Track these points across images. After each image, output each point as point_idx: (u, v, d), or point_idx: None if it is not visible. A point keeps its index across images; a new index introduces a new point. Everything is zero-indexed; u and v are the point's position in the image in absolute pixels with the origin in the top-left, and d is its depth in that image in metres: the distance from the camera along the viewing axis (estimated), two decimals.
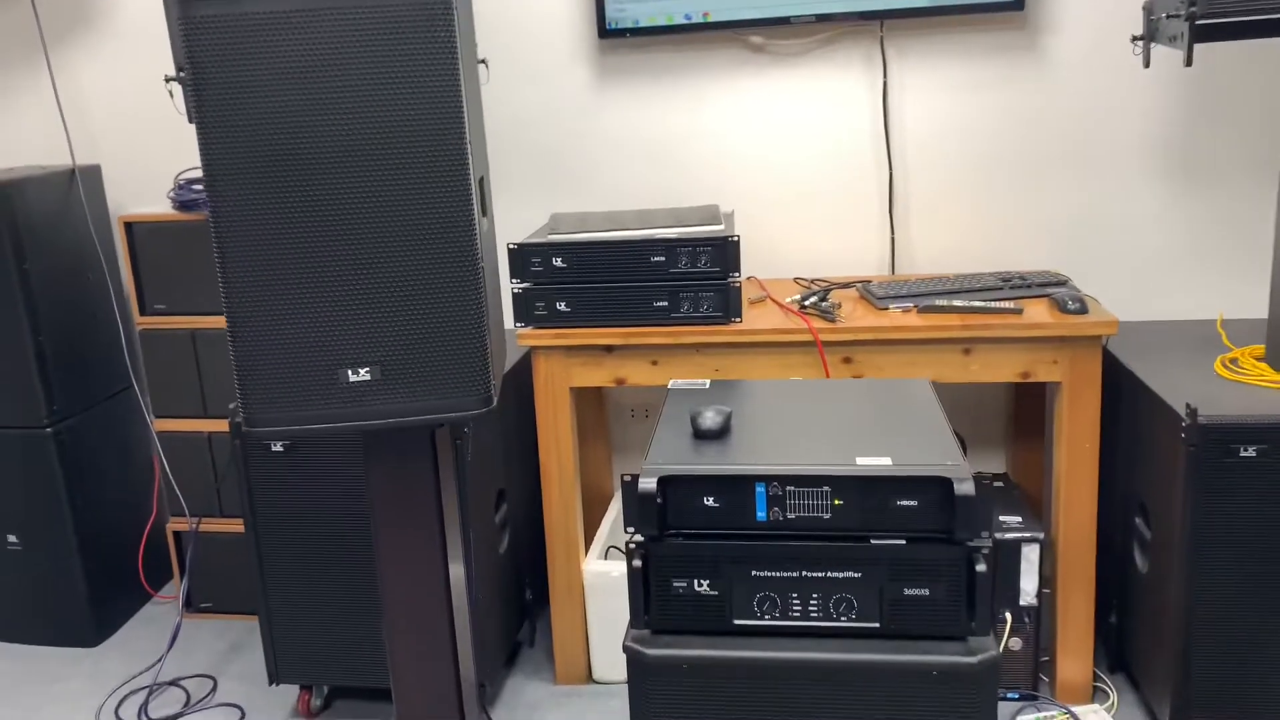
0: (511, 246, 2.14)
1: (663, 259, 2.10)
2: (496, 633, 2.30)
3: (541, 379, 2.20)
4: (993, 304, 2.13)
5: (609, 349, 2.18)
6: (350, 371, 1.43)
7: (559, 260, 2.13)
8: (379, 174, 1.37)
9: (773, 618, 1.43)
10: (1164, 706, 2.01)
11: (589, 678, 2.41)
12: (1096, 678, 2.29)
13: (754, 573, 1.42)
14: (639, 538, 1.42)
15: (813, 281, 2.42)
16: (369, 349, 1.43)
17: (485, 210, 1.56)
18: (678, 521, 1.43)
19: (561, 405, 2.21)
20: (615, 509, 2.56)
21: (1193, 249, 2.45)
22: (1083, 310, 2.08)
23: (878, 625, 1.41)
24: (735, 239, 2.08)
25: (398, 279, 1.41)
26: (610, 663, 2.38)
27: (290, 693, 2.37)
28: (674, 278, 2.11)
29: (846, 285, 2.34)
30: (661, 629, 1.45)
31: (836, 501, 1.39)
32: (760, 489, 1.40)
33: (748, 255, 2.56)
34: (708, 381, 1.78)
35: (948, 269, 2.53)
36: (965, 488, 1.34)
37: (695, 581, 1.43)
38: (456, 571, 1.66)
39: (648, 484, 1.40)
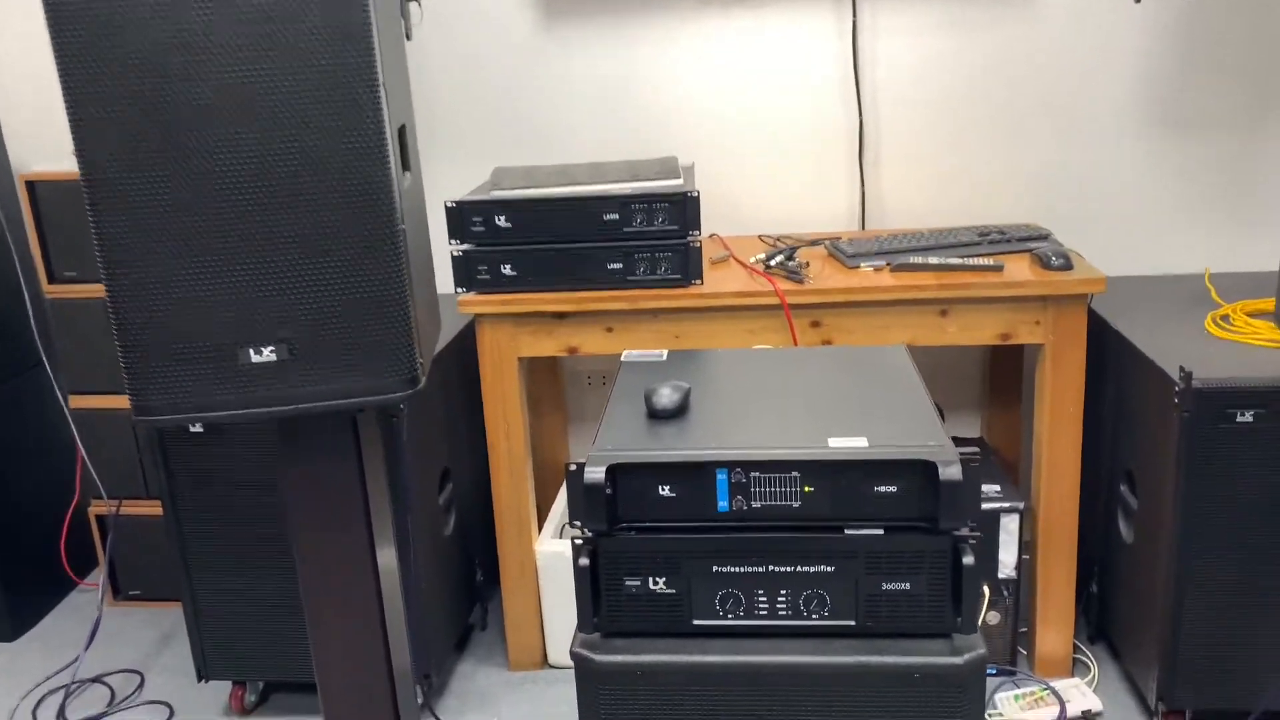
0: (450, 204, 1.96)
1: (616, 217, 1.93)
2: (443, 619, 2.15)
3: (486, 349, 2.03)
4: (971, 261, 1.98)
5: (559, 316, 2.01)
6: (253, 351, 1.26)
7: (502, 219, 1.96)
8: (279, 124, 1.19)
9: (737, 617, 1.28)
10: (1149, 679, 1.90)
11: (544, 662, 2.27)
12: (1076, 649, 2.18)
13: (715, 568, 1.27)
14: (586, 533, 1.27)
15: (778, 239, 2.26)
16: (274, 325, 1.25)
17: (407, 164, 1.38)
18: (630, 514, 1.27)
19: (509, 377, 2.05)
20: None
21: (1178, 201, 2.31)
22: (1067, 266, 1.94)
23: (853, 623, 1.27)
24: (695, 194, 1.91)
25: (306, 245, 1.24)
26: (567, 647, 2.24)
27: (223, 688, 2.21)
28: (629, 237, 1.94)
29: (814, 243, 2.18)
30: (613, 632, 1.30)
31: (806, 489, 1.24)
32: (721, 476, 1.25)
33: (709, 211, 2.39)
34: (664, 352, 1.62)
35: (922, 224, 2.37)
36: (951, 472, 1.20)
37: (650, 579, 1.28)
38: (388, 562, 1.50)
39: (595, 473, 1.24)
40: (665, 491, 1.26)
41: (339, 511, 1.44)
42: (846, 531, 1.25)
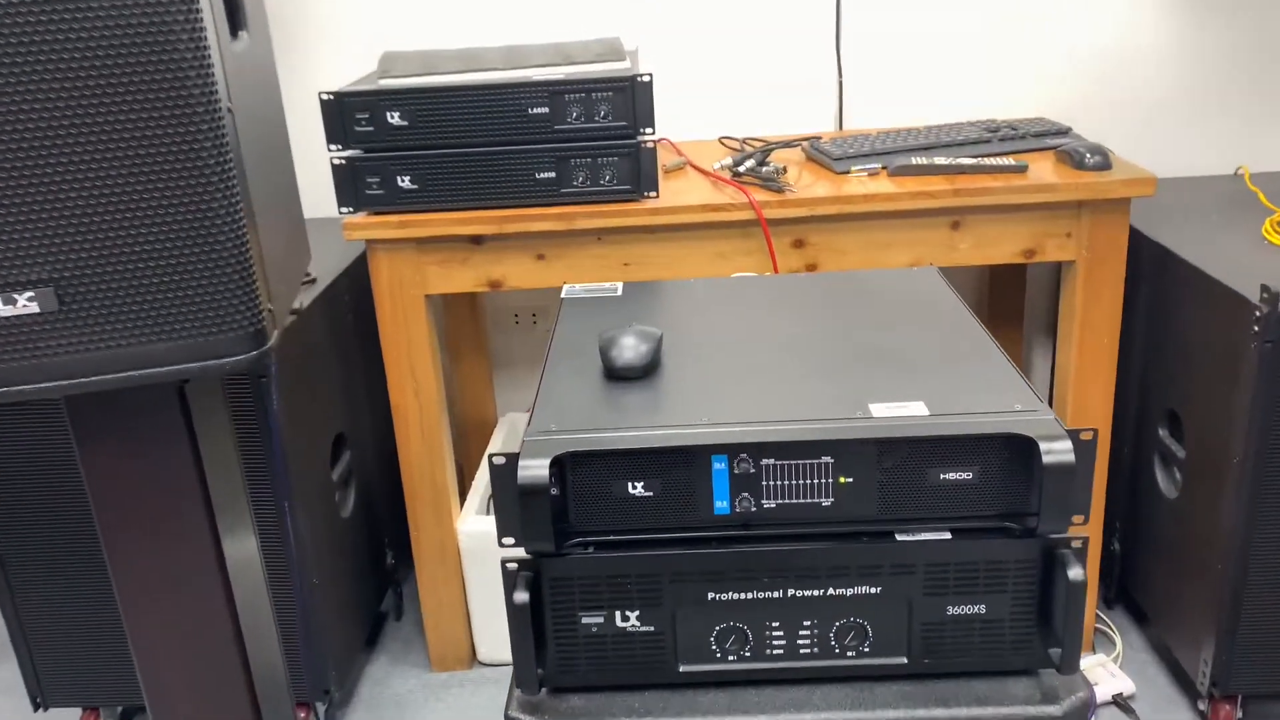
0: (325, 96, 1.50)
1: (546, 110, 1.50)
2: (346, 615, 1.75)
3: (384, 285, 1.60)
4: (988, 161, 1.60)
5: (476, 240, 1.59)
6: (3, 298, 0.82)
7: (395, 115, 1.51)
8: None
9: (741, 659, 0.91)
10: (1195, 657, 1.59)
11: (473, 660, 1.89)
12: (1096, 618, 1.88)
13: (712, 594, 0.89)
14: (523, 553, 0.87)
15: (744, 142, 1.85)
16: (28, 261, 0.81)
17: (240, 24, 0.93)
18: (587, 523, 0.88)
19: (415, 319, 1.62)
20: (500, 442, 2.00)
21: (1210, 91, 1.96)
22: (1105, 165, 1.57)
23: (904, 661, 0.90)
24: (647, 79, 1.49)
25: (76, 140, 0.80)
26: (498, 640, 1.86)
27: (70, 715, 1.79)
28: (563, 137, 1.51)
29: (789, 144, 1.78)
30: (565, 686, 0.91)
31: (842, 479, 0.86)
32: (720, 465, 0.86)
33: (657, 110, 1.96)
34: (619, 285, 1.22)
35: (910, 123, 1.98)
36: (1058, 452, 0.82)
37: (618, 614, 0.89)
38: (246, 559, 1.09)
39: (534, 469, 0.84)
40: (637, 489, 0.87)
41: (166, 506, 1.02)
42: (899, 537, 0.88)
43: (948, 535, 0.87)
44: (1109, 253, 1.58)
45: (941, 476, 0.86)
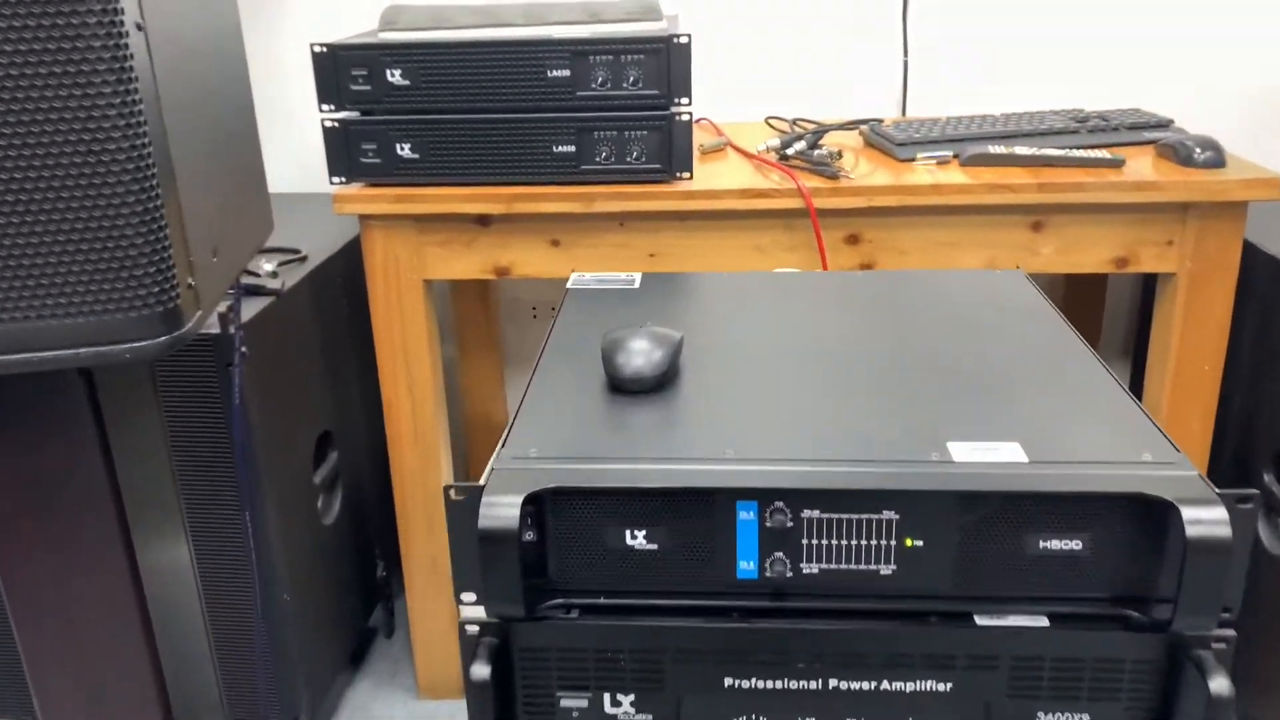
0: (318, 49, 1.31)
1: (567, 73, 1.30)
2: (326, 632, 1.56)
3: (377, 266, 1.41)
4: (1078, 153, 1.38)
5: (483, 220, 1.39)
6: None
7: (397, 74, 1.32)
8: None
9: None
10: None
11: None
12: None
13: (729, 681, 0.68)
14: (483, 615, 0.68)
15: (794, 123, 1.64)
16: None
17: None
18: (570, 579, 0.68)
19: (411, 305, 1.43)
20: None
21: None
22: (1218, 162, 1.34)
23: None
24: (685, 40, 1.29)
25: None
26: None
27: None
28: (585, 105, 1.31)
29: (845, 127, 1.56)
30: None
31: (909, 542, 0.65)
32: (747, 515, 0.66)
33: (696, 89, 1.76)
34: (635, 276, 1.02)
35: (983, 111, 1.76)
36: (1205, 521, 0.61)
37: (608, 698, 0.69)
38: (172, 574, 0.90)
39: (501, 509, 0.64)
40: (638, 540, 0.67)
41: (65, 507, 0.83)
42: (980, 621, 0.67)
43: (1044, 622, 0.66)
44: (1218, 266, 1.35)
45: (1041, 544, 0.65)
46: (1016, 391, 0.75)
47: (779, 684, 0.68)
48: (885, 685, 0.67)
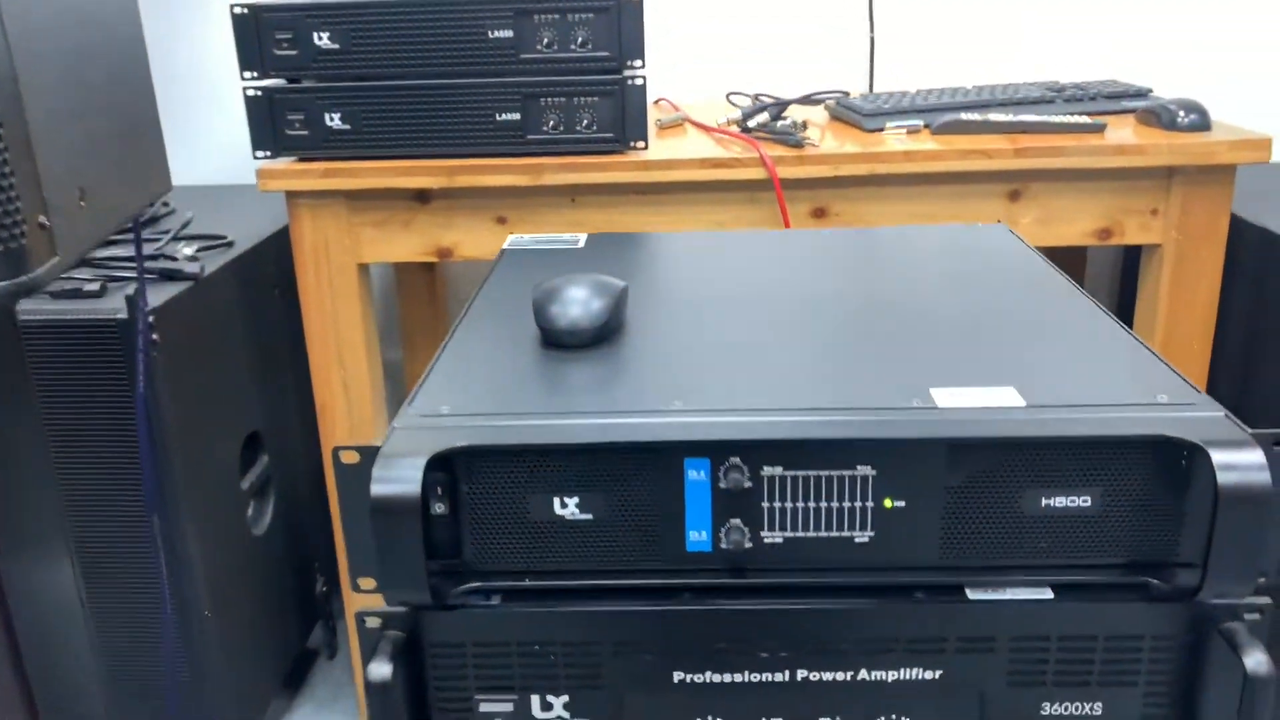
0: (239, 10, 1.21)
1: (510, 34, 1.20)
2: (251, 655, 1.43)
3: (306, 250, 1.30)
4: (1057, 119, 1.29)
5: (422, 196, 1.29)
6: None
7: (325, 36, 1.21)
8: None
9: None
10: None
11: None
12: None
13: (679, 676, 0.58)
14: (387, 605, 0.57)
15: (756, 98, 1.55)
16: None
17: None
18: (489, 559, 0.57)
19: (345, 293, 1.32)
20: None
21: None
22: (1203, 125, 1.27)
23: None
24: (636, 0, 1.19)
25: None
26: None
27: None
28: (531, 69, 1.21)
29: (810, 101, 1.47)
30: None
31: (888, 503, 0.55)
32: (698, 474, 0.55)
33: (652, 66, 1.67)
34: (581, 237, 0.92)
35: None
36: (1241, 466, 0.51)
37: (536, 700, 0.58)
38: (46, 589, 0.79)
39: (399, 473, 0.53)
40: (569, 509, 0.56)
41: None
42: (972, 595, 0.57)
43: (1048, 594, 0.56)
44: (1207, 236, 1.27)
45: (1044, 503, 0.55)
46: (1008, 336, 0.66)
47: (738, 678, 0.57)
48: (864, 675, 0.57)
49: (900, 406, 0.56)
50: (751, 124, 1.34)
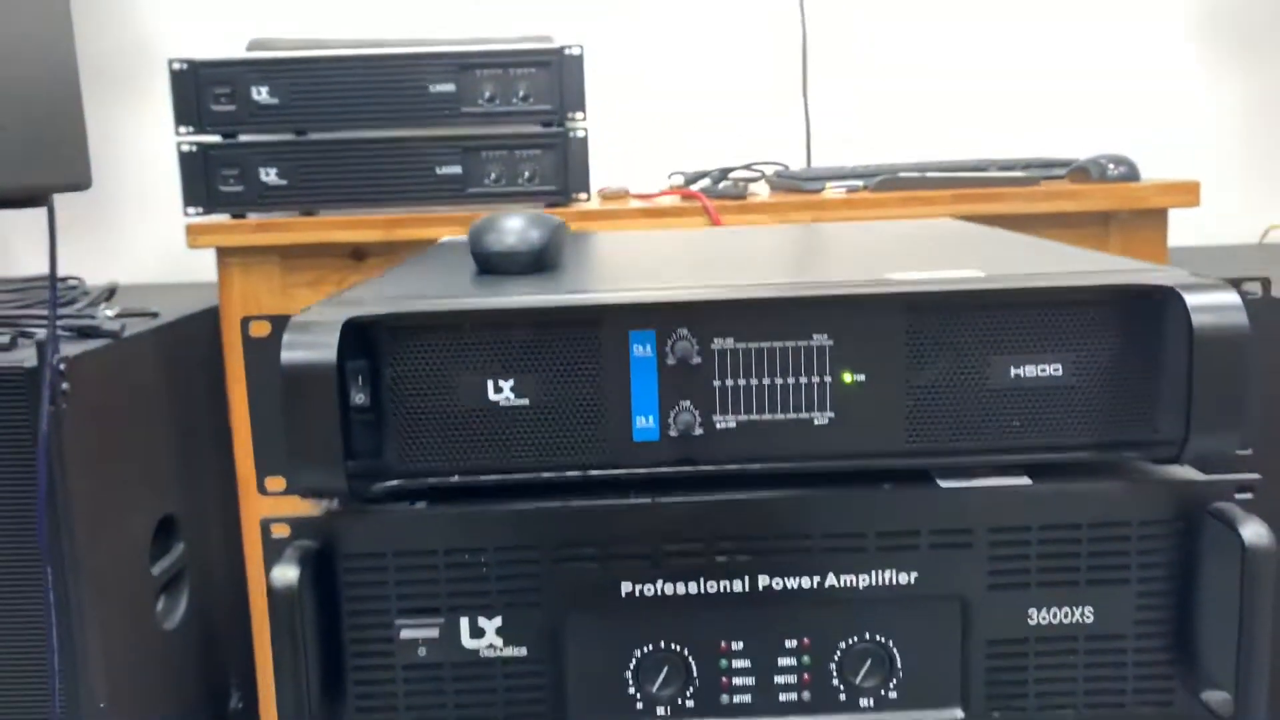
0: (177, 66, 1.21)
1: (452, 88, 1.21)
2: None
3: (234, 310, 1.25)
4: (992, 174, 1.32)
5: (358, 253, 1.26)
6: None
7: (264, 91, 1.21)
8: None
9: (678, 711, 0.52)
10: None
11: None
12: None
13: (627, 587, 0.51)
14: (302, 508, 0.51)
15: (696, 174, 1.57)
16: None
17: None
18: (413, 454, 0.51)
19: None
20: None
21: (1238, 143, 1.73)
22: (1132, 175, 1.30)
23: (959, 716, 0.52)
24: (577, 53, 1.22)
25: None
26: None
27: None
28: (473, 121, 1.22)
29: (749, 170, 1.49)
30: None
31: (848, 377, 0.51)
32: (643, 350, 0.51)
33: (594, 160, 1.69)
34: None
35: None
36: (1217, 307, 0.48)
37: (465, 623, 0.51)
38: None
39: (313, 337, 0.48)
40: (503, 393, 0.51)
41: None
42: (943, 483, 0.52)
43: (1025, 480, 0.52)
44: None
45: (1013, 372, 0.51)
46: (965, 247, 0.63)
47: (694, 587, 0.51)
48: (832, 581, 0.51)
49: (865, 283, 0.53)
50: (695, 186, 1.35)
